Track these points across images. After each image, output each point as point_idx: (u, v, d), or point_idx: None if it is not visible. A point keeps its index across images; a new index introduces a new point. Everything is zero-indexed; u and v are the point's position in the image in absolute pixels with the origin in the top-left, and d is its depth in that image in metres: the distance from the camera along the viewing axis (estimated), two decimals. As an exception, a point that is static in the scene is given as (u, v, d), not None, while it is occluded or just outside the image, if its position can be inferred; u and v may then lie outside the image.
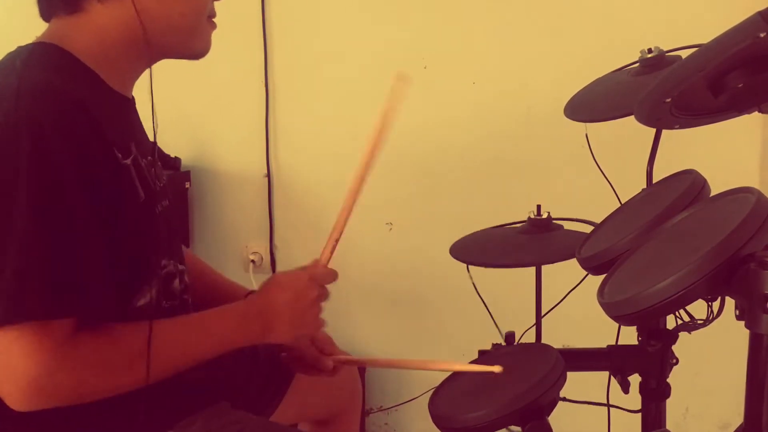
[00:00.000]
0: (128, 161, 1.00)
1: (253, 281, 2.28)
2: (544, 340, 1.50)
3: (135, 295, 1.01)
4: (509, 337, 1.41)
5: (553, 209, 1.49)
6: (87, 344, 0.91)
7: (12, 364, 0.87)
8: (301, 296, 1.08)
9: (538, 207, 1.48)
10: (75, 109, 0.92)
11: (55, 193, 0.88)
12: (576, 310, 1.53)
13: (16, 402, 0.88)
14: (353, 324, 2.27)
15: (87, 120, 0.93)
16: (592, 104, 1.42)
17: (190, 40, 1.08)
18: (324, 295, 1.11)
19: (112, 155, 0.97)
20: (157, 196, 1.07)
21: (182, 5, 1.04)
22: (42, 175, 0.87)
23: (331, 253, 1.15)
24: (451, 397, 1.24)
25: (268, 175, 2.27)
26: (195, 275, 1.23)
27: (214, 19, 1.11)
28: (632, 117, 1.09)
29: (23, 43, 1.03)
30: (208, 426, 1.10)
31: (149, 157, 1.08)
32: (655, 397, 1.32)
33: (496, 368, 1.10)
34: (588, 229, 1.32)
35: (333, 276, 1.13)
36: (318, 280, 1.11)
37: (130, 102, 1.12)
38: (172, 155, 2.23)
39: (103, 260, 0.93)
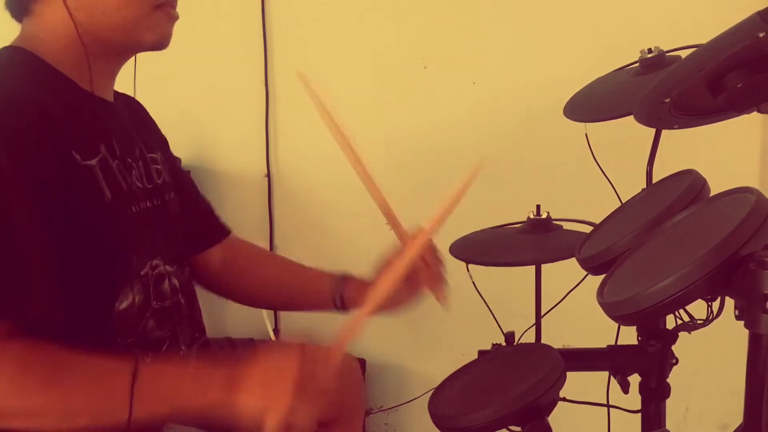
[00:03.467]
0: (93, 162, 0.98)
1: (253, 281, 2.28)
2: (544, 340, 1.51)
3: (116, 298, 1.00)
4: (509, 337, 1.41)
5: (553, 209, 1.49)
6: (15, 352, 0.86)
7: None
8: (281, 366, 0.92)
9: (538, 207, 1.48)
10: (27, 114, 0.90)
11: None
12: (576, 310, 1.53)
13: None
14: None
15: (41, 124, 0.91)
16: (592, 104, 1.42)
17: (137, 34, 1.03)
18: (310, 379, 0.92)
19: (68, 157, 0.95)
20: (132, 197, 1.05)
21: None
22: None
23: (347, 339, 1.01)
24: (451, 398, 1.24)
25: (268, 175, 2.27)
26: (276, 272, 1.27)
27: (173, 10, 1.06)
28: (632, 117, 1.09)
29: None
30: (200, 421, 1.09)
31: (128, 159, 1.07)
32: (655, 397, 1.32)
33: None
34: (588, 229, 1.32)
35: (332, 364, 0.97)
36: (310, 355, 0.94)
37: (108, 103, 1.09)
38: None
39: (49, 266, 0.90)
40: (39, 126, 0.91)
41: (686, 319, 1.03)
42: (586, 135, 1.42)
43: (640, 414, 1.35)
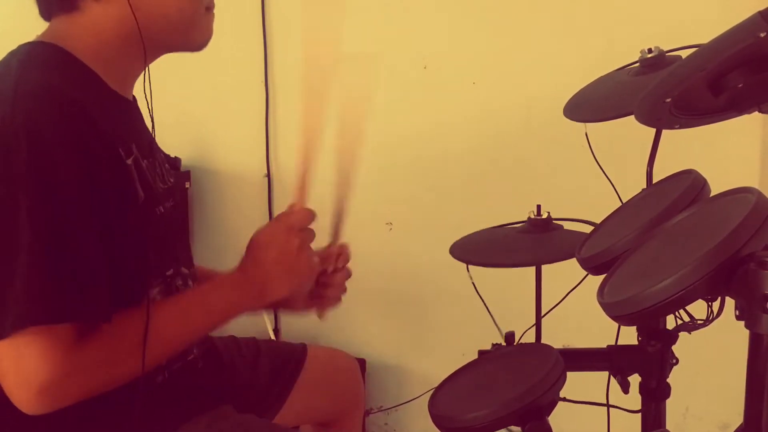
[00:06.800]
0: (129, 161, 0.99)
1: (253, 281, 2.28)
2: (544, 340, 1.50)
3: (141, 296, 1.00)
4: (509, 337, 1.41)
5: (553, 209, 1.49)
6: (93, 343, 0.91)
7: (24, 371, 0.87)
8: (286, 249, 1.05)
9: (538, 207, 1.48)
10: (74, 110, 0.91)
11: (55, 199, 0.88)
12: (576, 310, 1.53)
13: (30, 407, 0.89)
14: (353, 324, 2.27)
15: (87, 120, 0.92)
16: (592, 104, 1.42)
17: (190, 34, 1.07)
18: (308, 237, 1.08)
19: (115, 154, 0.96)
20: (159, 197, 1.06)
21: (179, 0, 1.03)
22: (41, 182, 0.87)
23: (303, 192, 1.13)
24: (451, 397, 1.24)
25: (268, 175, 2.27)
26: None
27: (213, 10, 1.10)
28: (632, 117, 1.09)
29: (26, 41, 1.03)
30: (211, 429, 1.10)
31: (152, 159, 1.08)
32: (655, 397, 1.32)
33: None
34: (588, 229, 1.32)
35: (310, 216, 1.10)
36: (296, 226, 1.07)
37: (131, 103, 1.11)
38: (172, 155, 2.23)
39: (106, 263, 0.92)
40: (84, 124, 0.92)
41: (686, 319, 1.02)
42: (586, 135, 1.42)
43: (640, 414, 1.35)
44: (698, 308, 0.94)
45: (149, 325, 0.95)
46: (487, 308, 1.53)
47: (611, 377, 1.38)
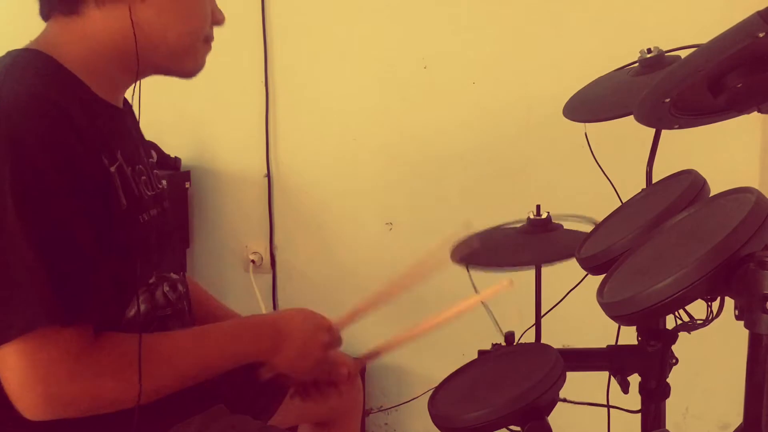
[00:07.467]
0: (113, 168, 0.99)
1: (253, 281, 2.28)
2: (543, 340, 1.50)
3: (125, 306, 1.00)
4: (509, 337, 1.41)
5: (553, 209, 1.49)
6: (103, 353, 0.91)
7: (29, 375, 0.87)
8: (317, 333, 1.12)
9: (538, 207, 1.48)
10: (57, 117, 0.91)
11: (43, 204, 0.88)
12: (576, 310, 1.53)
13: (33, 411, 0.89)
14: (352, 324, 2.27)
15: (70, 127, 0.92)
16: (592, 104, 1.42)
17: (183, 61, 1.07)
18: (330, 346, 1.16)
19: (98, 162, 0.96)
20: (143, 205, 1.06)
21: (180, 25, 1.03)
22: (28, 188, 0.87)
23: (350, 322, 1.25)
24: (451, 397, 1.24)
25: (268, 175, 2.27)
26: (194, 303, 1.23)
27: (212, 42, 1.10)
28: (632, 117, 1.09)
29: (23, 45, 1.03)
30: (204, 429, 1.10)
31: (138, 166, 1.08)
32: (655, 397, 1.32)
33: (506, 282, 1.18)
34: (587, 226, 1.32)
35: (339, 343, 1.21)
36: (335, 334, 1.16)
37: (120, 110, 1.10)
38: (172, 155, 2.23)
39: (100, 267, 0.92)
40: (67, 131, 0.91)
41: (686, 319, 1.02)
42: (585, 135, 1.42)
43: (640, 414, 1.35)
44: (698, 308, 0.94)
45: (162, 350, 0.97)
46: (487, 308, 1.53)
47: (611, 377, 1.38)
